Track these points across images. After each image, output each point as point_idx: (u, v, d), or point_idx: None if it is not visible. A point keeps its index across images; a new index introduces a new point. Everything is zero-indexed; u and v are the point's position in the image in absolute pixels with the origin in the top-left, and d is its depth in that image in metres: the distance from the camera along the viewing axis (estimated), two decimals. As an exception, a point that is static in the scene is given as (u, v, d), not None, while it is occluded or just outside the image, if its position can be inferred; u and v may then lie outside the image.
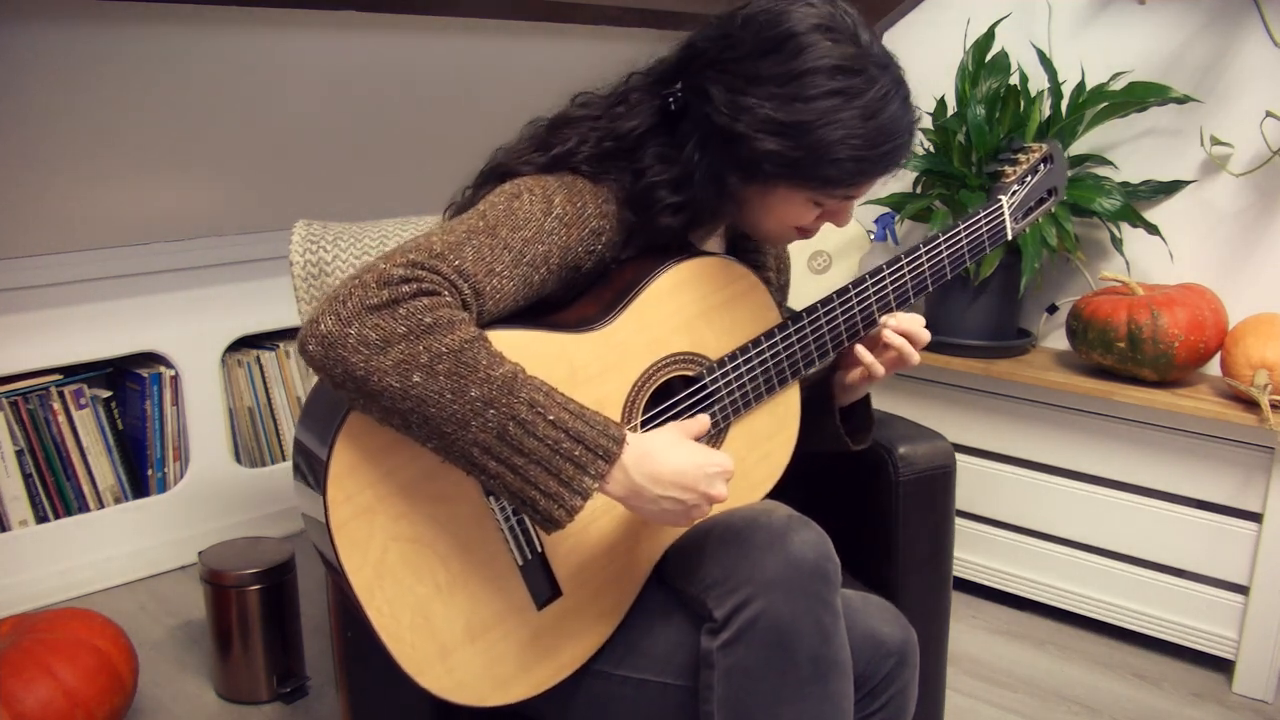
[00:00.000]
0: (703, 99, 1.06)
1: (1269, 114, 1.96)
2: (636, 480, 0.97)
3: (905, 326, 1.20)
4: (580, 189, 1.07)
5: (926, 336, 1.20)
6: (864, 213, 2.41)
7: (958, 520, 1.84)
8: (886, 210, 2.35)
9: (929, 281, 1.23)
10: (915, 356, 1.20)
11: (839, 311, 1.18)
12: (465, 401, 0.90)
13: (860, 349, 1.20)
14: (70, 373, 2.24)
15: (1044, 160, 1.32)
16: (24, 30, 1.76)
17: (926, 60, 2.37)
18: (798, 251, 2.43)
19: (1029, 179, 1.30)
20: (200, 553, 1.89)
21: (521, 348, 0.99)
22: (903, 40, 2.45)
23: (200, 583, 1.86)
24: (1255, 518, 1.91)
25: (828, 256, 2.43)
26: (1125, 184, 2.11)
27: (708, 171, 1.08)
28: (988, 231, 1.26)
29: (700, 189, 1.09)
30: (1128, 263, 2.13)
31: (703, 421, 1.08)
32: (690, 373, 1.14)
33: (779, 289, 1.36)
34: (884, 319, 1.20)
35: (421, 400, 0.90)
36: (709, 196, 1.09)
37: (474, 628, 1.03)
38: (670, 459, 0.99)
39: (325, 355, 0.91)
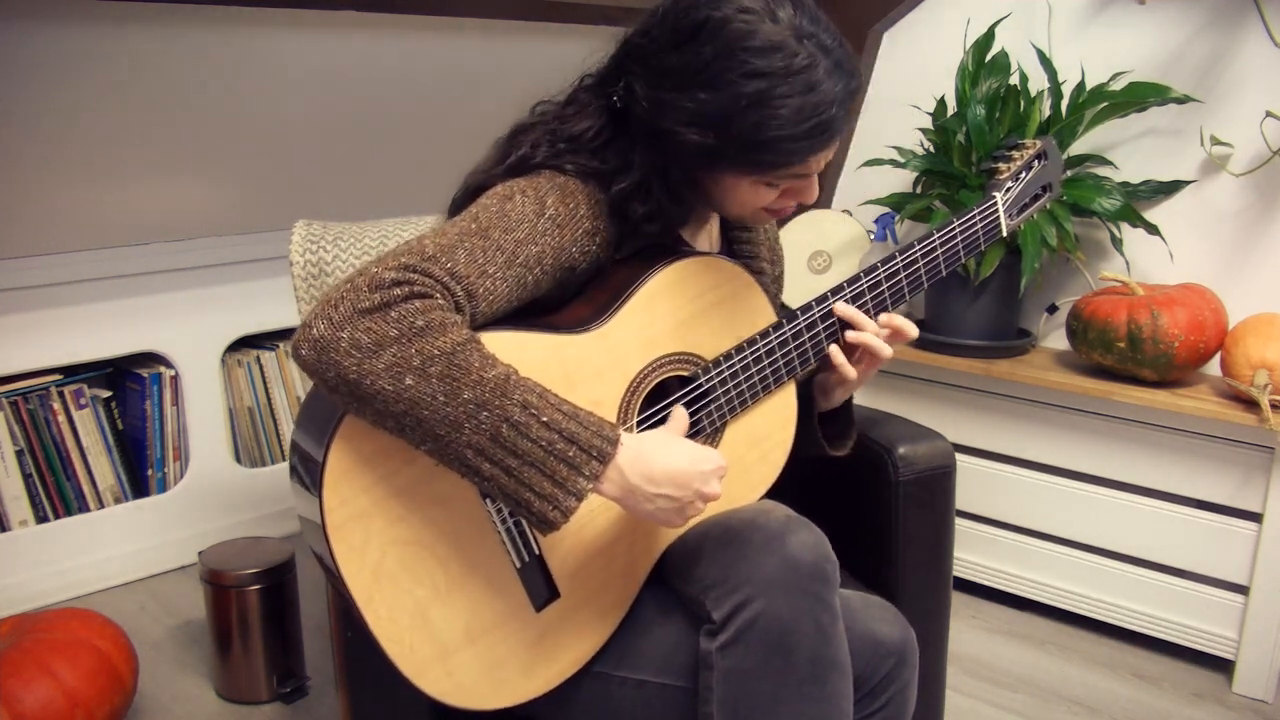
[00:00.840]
0: (633, 97, 1.06)
1: (1269, 114, 1.96)
2: (631, 480, 0.97)
3: (848, 314, 1.17)
4: (573, 190, 1.07)
5: (872, 325, 1.17)
6: (864, 213, 2.41)
7: (958, 520, 1.83)
8: (886, 210, 2.35)
9: (924, 279, 1.23)
10: (885, 349, 1.17)
11: (834, 309, 1.18)
12: (458, 404, 0.90)
13: (834, 349, 1.19)
14: (70, 373, 2.24)
15: (1038, 156, 1.32)
16: (24, 30, 1.76)
17: (926, 60, 2.37)
18: (798, 251, 2.43)
19: (1023, 175, 1.31)
20: (200, 553, 1.90)
21: (516, 349, 0.99)
22: (903, 40, 2.45)
23: (200, 583, 1.86)
24: (1255, 518, 1.91)
25: (828, 256, 2.43)
26: (1125, 184, 2.10)
27: (656, 170, 1.08)
28: (983, 228, 1.26)
29: (658, 190, 1.08)
30: (1128, 263, 2.13)
31: (680, 416, 1.08)
32: (685, 373, 1.14)
33: (774, 280, 1.35)
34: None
35: (414, 403, 0.90)
36: (665, 196, 1.09)
37: (473, 630, 1.03)
38: (664, 458, 0.99)
39: (318, 359, 0.91)
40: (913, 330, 1.20)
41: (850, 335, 1.18)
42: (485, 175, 1.12)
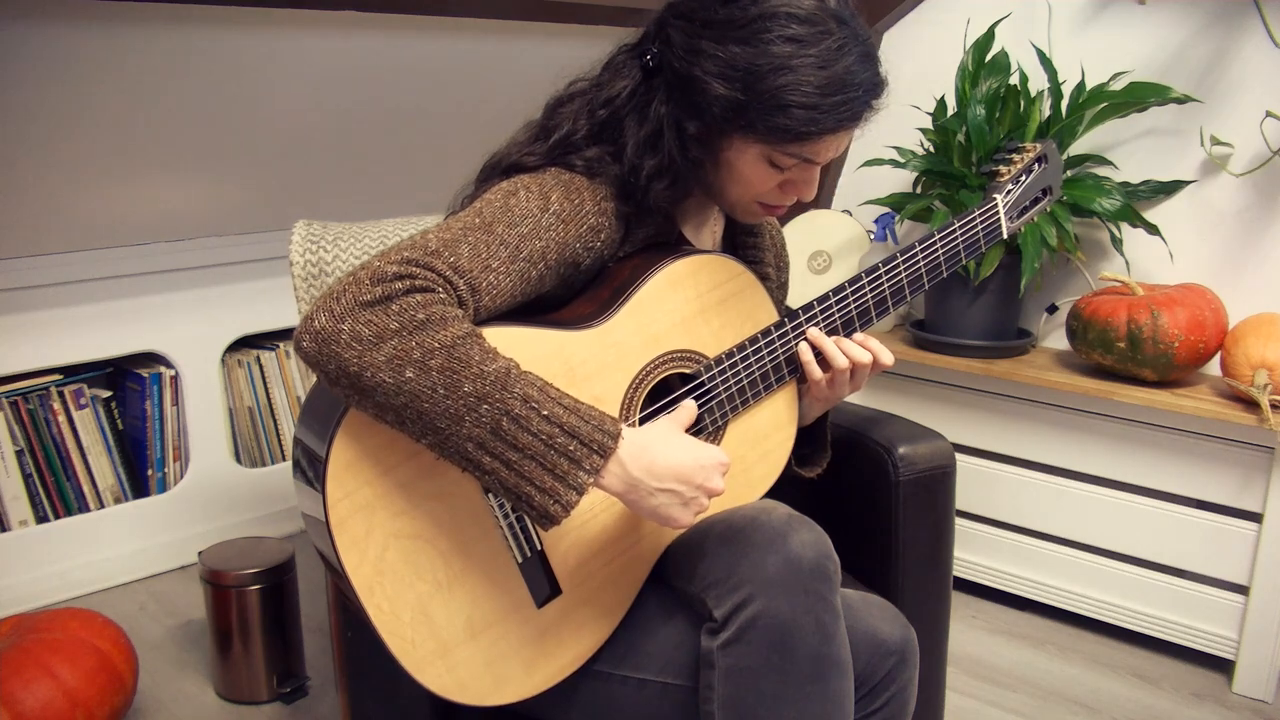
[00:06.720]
0: (669, 47, 1.08)
1: (1269, 114, 1.96)
2: (633, 474, 0.97)
3: (820, 343, 1.18)
4: (578, 186, 1.08)
5: (840, 360, 1.17)
6: (864, 213, 2.41)
7: (958, 520, 1.83)
8: (886, 210, 2.35)
9: (925, 280, 1.23)
10: (858, 362, 1.17)
11: (835, 310, 1.18)
12: (458, 397, 0.90)
13: (803, 347, 1.18)
14: (70, 373, 2.24)
15: (1039, 159, 1.33)
16: (25, 30, 1.76)
17: (926, 60, 2.37)
18: (798, 252, 2.43)
19: (1024, 178, 1.31)
20: (200, 553, 1.90)
21: (518, 345, 0.99)
22: (903, 40, 2.45)
23: (200, 583, 1.86)
24: (1255, 518, 1.91)
25: (828, 257, 2.43)
26: (1125, 184, 2.11)
27: (671, 121, 1.09)
28: (983, 230, 1.26)
29: (668, 143, 1.09)
30: (1128, 263, 2.13)
31: (689, 408, 1.08)
32: (687, 370, 1.14)
33: (779, 286, 1.36)
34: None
35: (415, 396, 0.90)
36: (675, 149, 1.10)
37: (474, 625, 1.03)
38: (666, 452, 0.99)
39: (319, 351, 0.91)
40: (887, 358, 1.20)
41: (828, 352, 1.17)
42: (522, 154, 1.12)
